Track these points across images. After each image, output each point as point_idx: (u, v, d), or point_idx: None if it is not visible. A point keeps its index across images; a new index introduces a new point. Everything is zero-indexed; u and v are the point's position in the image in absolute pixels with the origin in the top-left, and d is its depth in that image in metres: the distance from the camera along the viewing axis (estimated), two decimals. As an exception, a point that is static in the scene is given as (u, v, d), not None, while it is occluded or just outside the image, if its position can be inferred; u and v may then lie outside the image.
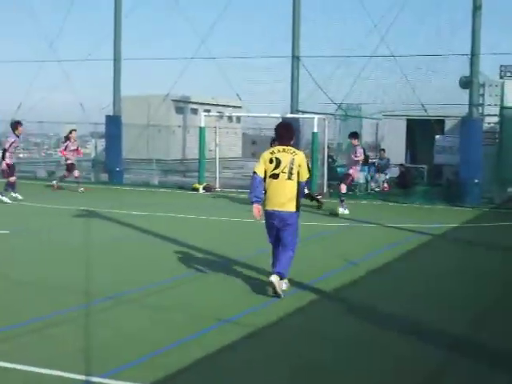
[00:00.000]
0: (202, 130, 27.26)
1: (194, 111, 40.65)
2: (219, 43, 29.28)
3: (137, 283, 10.42)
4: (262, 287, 10.31)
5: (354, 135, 20.29)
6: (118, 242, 14.35)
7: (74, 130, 25.92)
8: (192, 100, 40.27)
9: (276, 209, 9.81)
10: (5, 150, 21.30)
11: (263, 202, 9.97)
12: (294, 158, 9.84)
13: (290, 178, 9.79)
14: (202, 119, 27.81)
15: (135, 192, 25.89)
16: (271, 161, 9.85)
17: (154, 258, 12.79)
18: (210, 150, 29.06)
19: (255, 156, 45.41)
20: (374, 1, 28.16)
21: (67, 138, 25.58)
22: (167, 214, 19.13)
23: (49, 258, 12.55)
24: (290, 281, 10.29)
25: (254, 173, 9.93)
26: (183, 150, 38.97)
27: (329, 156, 26.66)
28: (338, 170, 26.75)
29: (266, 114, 27.44)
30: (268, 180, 9.86)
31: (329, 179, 25.60)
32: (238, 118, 43.32)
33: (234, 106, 38.24)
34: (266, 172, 9.87)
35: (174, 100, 37.85)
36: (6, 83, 33.44)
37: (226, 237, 15.52)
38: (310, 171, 10.91)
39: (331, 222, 18.02)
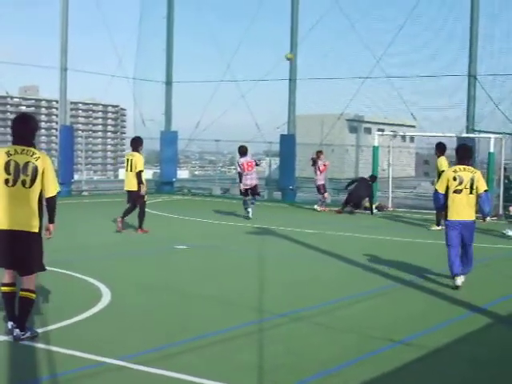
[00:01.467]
0: (375, 149, 27.15)
1: (368, 130, 40.68)
2: (393, 63, 29.08)
3: (308, 301, 10.52)
4: (434, 308, 10.24)
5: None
6: (289, 260, 14.55)
7: (320, 152, 26.08)
8: (365, 119, 40.24)
9: (461, 219, 11.65)
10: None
11: (446, 213, 11.89)
12: (473, 176, 11.68)
13: (471, 193, 11.65)
14: (375, 138, 27.74)
15: (308, 210, 26.11)
16: (454, 178, 11.65)
17: (324, 276, 12.89)
18: (383, 170, 28.93)
19: (428, 176, 44.85)
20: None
21: (314, 162, 25.71)
22: (337, 232, 19.20)
23: (223, 274, 12.90)
24: (463, 303, 10.19)
25: (437, 190, 11.93)
26: (356, 169, 38.99)
27: (505, 177, 25.87)
28: (516, 191, 26.03)
29: (441, 134, 27.05)
30: (452, 195, 11.66)
31: (505, 201, 24.88)
32: (412, 138, 42.89)
33: (408, 126, 37.91)
34: (448, 188, 11.65)
35: (347, 119, 37.96)
36: (185, 103, 34.53)
37: (397, 256, 15.38)
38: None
39: (504, 244, 17.52)
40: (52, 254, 13.90)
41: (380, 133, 29.30)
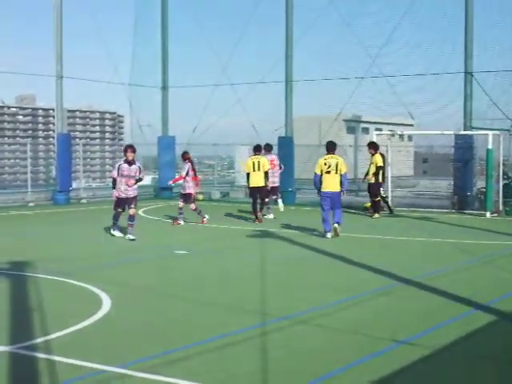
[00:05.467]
0: (373, 148, 27.01)
1: (366, 130, 40.60)
2: (389, 62, 29.04)
3: (310, 303, 10.47)
4: (437, 306, 10.18)
5: None
6: (290, 262, 14.50)
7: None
8: (363, 119, 40.16)
9: (331, 190, 17.57)
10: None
11: (320, 188, 17.60)
12: (337, 162, 17.77)
13: (336, 173, 17.57)
14: (373, 138, 27.63)
15: (307, 212, 26.06)
16: (325, 164, 17.69)
17: (326, 278, 12.83)
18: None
19: (427, 174, 44.82)
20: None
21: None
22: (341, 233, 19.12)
23: (224, 278, 12.84)
24: (466, 301, 10.14)
25: (315, 173, 17.75)
26: (355, 169, 38.91)
27: (504, 173, 25.77)
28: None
29: (439, 132, 27.00)
30: (324, 175, 17.60)
31: (504, 196, 24.83)
32: (410, 137, 42.80)
33: (406, 125, 37.84)
34: (322, 170, 17.59)
35: (345, 120, 37.87)
36: (182, 108, 34.51)
37: (397, 255, 15.35)
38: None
39: (503, 241, 17.47)
40: (53, 263, 13.91)
41: (378, 132, 29.23)
